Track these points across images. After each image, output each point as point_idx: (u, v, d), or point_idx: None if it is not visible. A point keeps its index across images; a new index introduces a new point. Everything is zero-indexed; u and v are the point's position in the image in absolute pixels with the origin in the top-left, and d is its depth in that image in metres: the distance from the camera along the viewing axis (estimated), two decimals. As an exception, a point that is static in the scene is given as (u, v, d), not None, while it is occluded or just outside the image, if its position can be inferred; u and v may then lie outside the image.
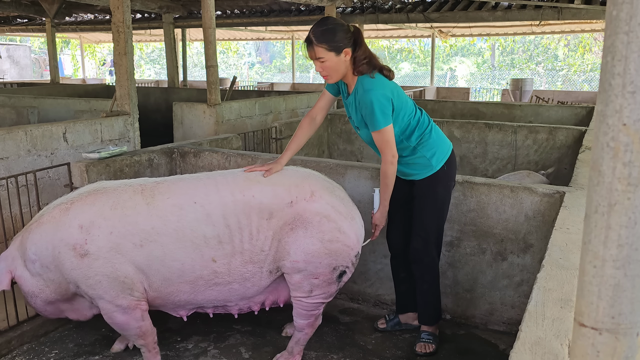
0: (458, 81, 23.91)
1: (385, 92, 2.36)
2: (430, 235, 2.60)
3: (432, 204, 2.58)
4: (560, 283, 1.54)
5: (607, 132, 0.68)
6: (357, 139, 5.63)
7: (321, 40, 2.30)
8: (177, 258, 2.21)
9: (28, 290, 2.33)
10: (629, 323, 0.71)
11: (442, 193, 2.58)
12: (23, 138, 3.62)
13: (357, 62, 2.36)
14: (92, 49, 22.65)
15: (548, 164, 4.70)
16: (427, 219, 2.59)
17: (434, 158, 2.53)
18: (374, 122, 2.36)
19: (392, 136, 2.40)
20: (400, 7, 9.16)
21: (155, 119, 7.49)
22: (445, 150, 2.58)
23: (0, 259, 2.34)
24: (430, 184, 2.55)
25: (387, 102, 2.35)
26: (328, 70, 2.37)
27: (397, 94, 2.43)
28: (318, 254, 2.25)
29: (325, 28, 2.30)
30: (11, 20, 12.16)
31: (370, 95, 2.33)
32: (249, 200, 2.25)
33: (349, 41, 2.33)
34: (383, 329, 2.87)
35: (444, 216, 2.64)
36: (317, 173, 2.49)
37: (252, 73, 27.16)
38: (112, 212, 2.21)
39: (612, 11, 0.66)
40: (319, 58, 2.33)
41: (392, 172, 2.44)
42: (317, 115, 2.61)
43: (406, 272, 2.79)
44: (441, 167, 2.55)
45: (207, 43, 5.26)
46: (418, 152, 2.53)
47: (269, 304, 2.48)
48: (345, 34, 2.32)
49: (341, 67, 2.36)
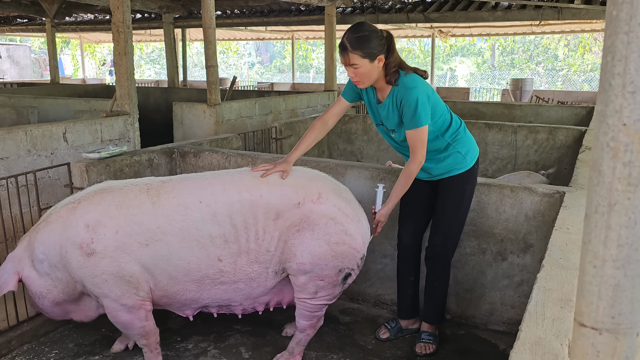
0: (458, 81, 23.92)
1: (426, 90, 2.37)
2: (451, 232, 2.60)
3: (459, 202, 2.57)
4: (560, 283, 1.54)
5: (607, 132, 0.68)
6: (357, 139, 5.63)
7: (356, 47, 2.29)
8: (183, 257, 2.22)
9: (36, 291, 2.33)
10: (629, 323, 0.71)
11: (469, 191, 2.60)
12: (23, 138, 3.62)
13: (388, 68, 2.37)
14: (92, 49, 22.64)
15: (548, 164, 4.70)
16: (451, 216, 2.58)
17: (468, 155, 2.55)
18: (415, 120, 2.35)
19: (426, 137, 2.40)
20: (400, 7, 9.16)
21: (155, 119, 7.49)
22: (476, 149, 2.63)
23: (8, 260, 2.35)
24: (460, 181, 2.56)
25: (428, 101, 2.37)
26: (361, 77, 2.37)
27: (433, 93, 2.45)
28: (324, 256, 2.25)
29: (360, 35, 2.29)
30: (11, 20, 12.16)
31: (415, 93, 2.33)
32: (256, 199, 2.25)
33: (383, 48, 2.33)
34: (386, 338, 2.80)
35: (465, 216, 2.64)
36: (323, 174, 2.49)
37: (252, 73, 27.16)
38: (117, 211, 2.22)
39: (612, 11, 0.66)
40: (352, 64, 2.32)
41: (415, 173, 2.44)
42: (329, 119, 2.60)
43: (415, 275, 2.76)
44: (473, 165, 2.57)
45: (207, 43, 5.26)
46: (453, 147, 2.53)
47: (272, 305, 2.49)
48: (380, 40, 2.32)
49: (374, 73, 2.36)
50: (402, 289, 2.81)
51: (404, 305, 2.83)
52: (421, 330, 2.74)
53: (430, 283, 2.70)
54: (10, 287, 2.28)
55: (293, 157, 2.46)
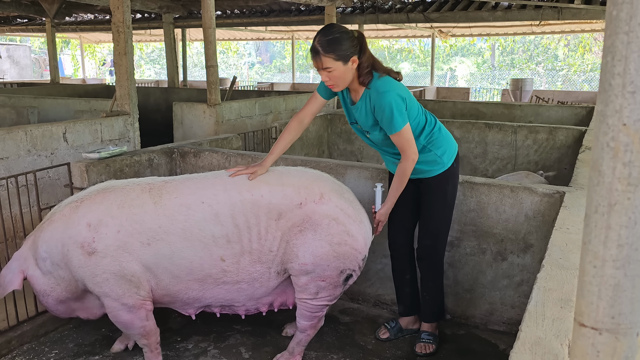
0: (458, 81, 23.91)
1: (399, 92, 2.34)
2: (440, 232, 2.62)
3: (442, 201, 2.58)
4: (560, 283, 1.54)
5: (607, 132, 0.68)
6: (357, 139, 5.62)
7: (328, 50, 2.24)
8: (185, 256, 2.22)
9: (40, 289, 2.34)
10: (629, 323, 0.71)
11: (451, 190, 2.59)
12: (23, 138, 3.62)
13: (361, 69, 2.33)
14: (92, 49, 22.65)
15: (548, 164, 4.70)
16: (437, 216, 2.59)
17: (445, 155, 2.54)
18: (393, 124, 2.32)
19: (411, 135, 2.38)
20: (400, 7, 9.16)
21: (155, 119, 7.48)
22: (453, 148, 2.60)
23: (13, 258, 2.36)
24: (441, 182, 2.56)
25: (402, 102, 2.34)
26: (335, 80, 2.33)
27: (407, 93, 2.42)
28: (326, 257, 2.26)
29: (332, 37, 2.24)
30: (11, 20, 12.16)
31: (387, 98, 2.30)
32: (258, 200, 2.25)
33: (355, 49, 2.29)
34: (386, 338, 2.81)
35: (451, 214, 2.65)
36: (326, 175, 2.49)
37: (252, 73, 27.16)
38: (119, 210, 2.22)
39: (612, 11, 0.66)
40: (326, 68, 2.28)
41: (410, 171, 2.43)
42: (305, 118, 2.56)
43: (411, 273, 2.78)
44: (451, 164, 2.56)
45: (207, 43, 5.26)
46: (428, 150, 2.51)
47: (277, 306, 2.49)
48: (352, 41, 2.27)
49: (348, 75, 2.33)
50: (400, 288, 2.83)
51: (403, 303, 2.85)
52: (421, 330, 2.74)
53: (425, 283, 2.71)
54: (15, 285, 2.30)
55: (269, 161, 2.42)
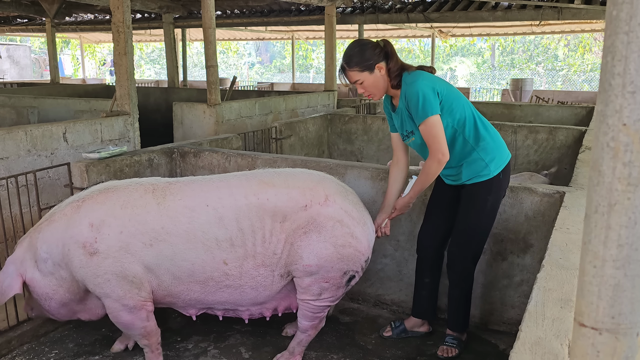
0: (458, 81, 23.91)
1: (429, 83, 2.33)
2: (470, 242, 2.52)
3: (479, 212, 2.46)
4: (560, 283, 1.54)
5: (607, 132, 0.68)
6: (357, 139, 5.63)
7: (351, 64, 2.34)
8: (187, 258, 2.21)
9: (42, 292, 2.30)
10: (629, 323, 0.71)
11: (492, 202, 2.46)
12: (23, 138, 3.62)
13: (391, 73, 2.38)
14: (92, 49, 22.64)
15: (548, 164, 4.70)
16: (471, 226, 2.49)
17: (492, 163, 2.42)
18: (419, 112, 2.29)
19: (440, 130, 2.29)
20: (400, 7, 9.16)
21: (155, 119, 7.48)
22: (504, 157, 2.47)
23: (8, 262, 2.31)
24: (482, 190, 2.44)
25: (432, 92, 2.30)
26: (369, 89, 2.39)
27: (444, 86, 2.39)
28: (330, 259, 2.26)
29: (352, 52, 2.35)
30: (11, 20, 12.16)
31: (415, 87, 2.31)
32: (263, 203, 2.24)
33: (379, 56, 2.34)
34: (389, 336, 2.80)
35: (489, 226, 2.52)
36: (330, 176, 2.48)
37: (252, 73, 27.16)
38: (122, 211, 2.21)
39: (612, 11, 0.66)
40: (355, 81, 2.36)
41: (435, 171, 2.35)
42: (399, 159, 2.60)
43: (431, 277, 2.72)
44: (497, 174, 2.43)
45: (207, 43, 5.25)
46: (476, 153, 2.42)
47: (281, 310, 2.48)
48: (374, 50, 2.34)
49: (380, 82, 2.38)
50: (417, 289, 2.79)
51: (417, 304, 2.80)
52: (447, 334, 2.69)
53: (451, 290, 2.64)
54: (15, 290, 2.26)
55: (387, 203, 2.56)
